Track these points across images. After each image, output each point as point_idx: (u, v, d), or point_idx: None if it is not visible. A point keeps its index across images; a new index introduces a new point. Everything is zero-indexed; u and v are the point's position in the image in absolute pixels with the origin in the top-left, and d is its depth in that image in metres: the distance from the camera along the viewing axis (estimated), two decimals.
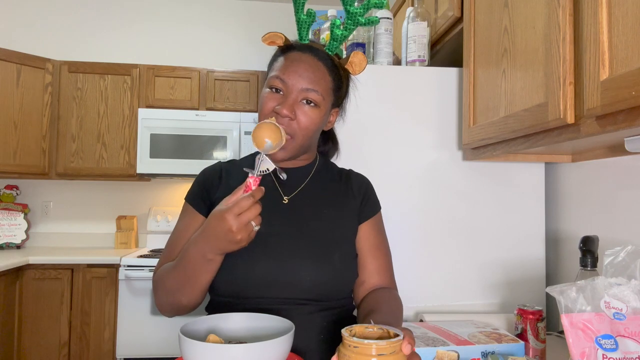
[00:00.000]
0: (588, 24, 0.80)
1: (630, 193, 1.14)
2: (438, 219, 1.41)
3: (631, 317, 0.73)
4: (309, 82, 0.90)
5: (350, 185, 1.04)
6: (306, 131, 0.91)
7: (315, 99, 0.90)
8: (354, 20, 0.89)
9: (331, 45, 0.93)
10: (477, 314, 1.32)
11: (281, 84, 0.90)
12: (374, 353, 0.62)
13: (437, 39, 1.59)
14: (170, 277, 0.89)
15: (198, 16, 3.57)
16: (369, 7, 0.88)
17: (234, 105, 3.17)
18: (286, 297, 0.91)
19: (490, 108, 1.20)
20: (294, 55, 0.92)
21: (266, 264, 0.91)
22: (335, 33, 0.90)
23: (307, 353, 0.90)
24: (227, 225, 0.76)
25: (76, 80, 3.07)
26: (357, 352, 0.63)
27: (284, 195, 0.99)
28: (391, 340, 0.63)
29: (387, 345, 0.63)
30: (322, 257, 0.92)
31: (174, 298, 0.89)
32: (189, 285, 0.87)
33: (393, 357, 0.63)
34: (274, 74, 0.92)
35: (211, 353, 0.67)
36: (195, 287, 0.87)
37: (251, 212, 0.77)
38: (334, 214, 0.99)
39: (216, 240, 0.79)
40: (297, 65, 0.90)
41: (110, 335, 2.77)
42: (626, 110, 0.73)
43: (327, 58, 0.93)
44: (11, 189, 3.23)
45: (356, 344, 0.63)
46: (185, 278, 0.86)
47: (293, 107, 0.89)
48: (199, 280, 0.86)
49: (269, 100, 0.90)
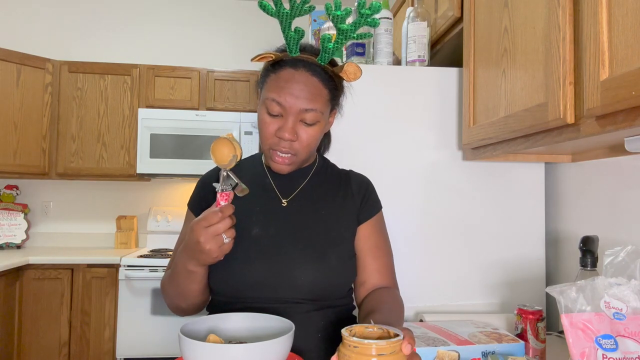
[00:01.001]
0: (588, 24, 0.80)
1: (630, 193, 1.14)
2: (438, 219, 1.41)
3: (631, 317, 0.73)
4: (306, 102, 0.89)
5: (350, 186, 1.04)
6: (309, 147, 0.93)
7: (315, 118, 0.90)
8: (345, 36, 0.87)
9: (323, 57, 0.90)
10: (477, 314, 1.32)
11: (278, 107, 0.89)
12: (374, 353, 0.62)
13: (437, 39, 1.59)
14: (168, 285, 0.96)
15: (198, 16, 3.57)
16: (360, 25, 0.85)
17: (234, 105, 3.17)
18: (283, 297, 0.91)
19: (490, 108, 1.20)
20: (287, 73, 0.89)
21: (261, 264, 0.92)
22: (327, 46, 0.88)
23: (306, 352, 0.90)
24: (195, 237, 0.80)
25: (76, 80, 3.07)
26: (357, 352, 0.63)
27: (283, 198, 1.00)
28: (391, 340, 0.63)
29: (387, 345, 0.63)
30: (319, 257, 0.93)
31: (175, 302, 0.95)
32: (181, 293, 0.92)
33: (393, 357, 0.63)
34: (270, 95, 0.89)
35: (211, 353, 0.67)
36: (187, 295, 0.92)
37: (219, 226, 0.79)
38: (332, 215, 0.99)
39: (191, 252, 0.83)
40: (292, 86, 0.88)
41: (110, 335, 2.77)
42: (626, 110, 0.73)
43: (320, 71, 0.91)
44: (11, 189, 3.23)
45: (356, 344, 0.64)
46: (177, 287, 0.92)
47: (294, 129, 0.90)
48: (187, 289, 0.90)
49: (269, 124, 0.91)
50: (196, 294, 0.92)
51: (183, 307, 0.95)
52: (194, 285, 0.89)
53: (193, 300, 0.93)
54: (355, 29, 0.86)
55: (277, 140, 0.90)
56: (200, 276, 0.88)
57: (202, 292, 0.93)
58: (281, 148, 0.91)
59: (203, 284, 0.91)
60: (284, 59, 0.91)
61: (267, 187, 1.01)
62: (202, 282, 0.90)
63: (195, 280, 0.88)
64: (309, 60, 0.90)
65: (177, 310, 0.97)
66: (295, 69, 0.89)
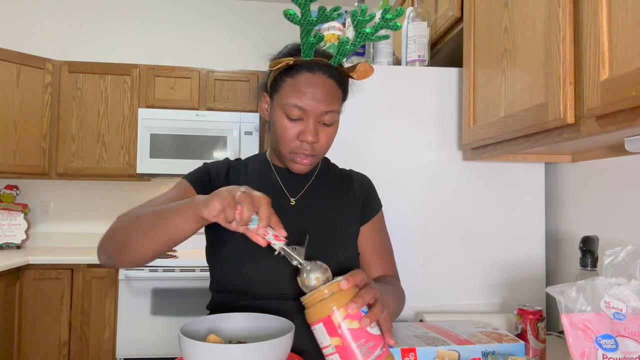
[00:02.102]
0: (588, 24, 0.80)
1: (630, 193, 1.14)
2: (438, 219, 1.41)
3: (631, 317, 0.73)
4: (326, 104, 0.91)
5: (352, 187, 1.07)
6: (327, 147, 0.97)
7: (333, 118, 0.94)
8: (364, 38, 0.89)
9: (337, 59, 0.92)
10: (477, 314, 1.32)
11: (299, 112, 0.91)
12: (318, 300, 0.71)
13: (437, 39, 1.59)
14: (142, 215, 0.84)
15: (198, 16, 3.57)
16: (381, 28, 0.89)
17: (234, 105, 3.17)
18: (292, 293, 0.92)
19: (490, 108, 1.20)
20: (305, 78, 0.91)
21: (272, 261, 0.92)
22: (345, 49, 0.90)
23: (313, 348, 0.91)
24: (233, 191, 0.73)
25: (76, 80, 3.07)
26: (308, 305, 0.72)
27: (291, 197, 1.02)
28: (328, 284, 0.72)
29: (323, 290, 0.71)
30: (328, 255, 0.94)
31: (127, 237, 0.84)
32: (152, 231, 0.81)
33: (337, 296, 0.71)
34: (291, 101, 0.90)
35: (211, 353, 0.67)
36: (156, 237, 0.80)
37: (246, 209, 0.72)
38: (338, 214, 1.02)
39: (207, 198, 0.74)
40: (312, 91, 0.90)
41: (110, 335, 2.77)
42: (626, 110, 0.73)
43: (335, 73, 0.93)
44: (11, 189, 3.23)
45: (304, 300, 0.73)
46: (157, 221, 0.80)
47: (316, 131, 0.92)
48: (165, 231, 0.79)
49: (290, 129, 0.92)
50: (158, 245, 0.81)
51: (132, 248, 0.83)
52: (177, 231, 0.78)
53: (145, 249, 0.82)
54: (376, 32, 0.89)
55: (298, 143, 0.92)
56: (190, 226, 0.77)
57: (159, 251, 0.83)
58: (304, 151, 0.93)
59: (174, 240, 0.80)
60: (299, 63, 0.92)
61: (275, 185, 1.03)
62: (180, 235, 0.79)
63: (182, 227, 0.78)
64: (324, 62, 0.92)
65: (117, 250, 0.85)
66: (312, 73, 0.91)
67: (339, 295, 0.70)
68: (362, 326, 0.69)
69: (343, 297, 0.70)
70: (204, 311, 1.01)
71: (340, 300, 0.70)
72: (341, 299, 0.70)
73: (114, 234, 0.87)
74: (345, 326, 0.69)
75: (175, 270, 2.72)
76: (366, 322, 0.70)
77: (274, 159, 1.05)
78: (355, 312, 0.70)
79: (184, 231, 0.78)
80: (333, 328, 0.69)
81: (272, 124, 0.96)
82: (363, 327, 0.70)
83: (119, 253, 0.85)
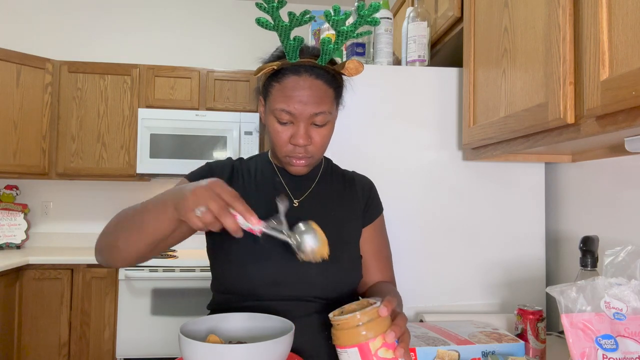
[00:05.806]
0: (588, 24, 0.80)
1: (630, 193, 1.14)
2: (438, 219, 1.40)
3: (631, 317, 0.73)
4: (314, 106, 0.90)
5: (355, 189, 1.07)
6: (323, 147, 0.95)
7: (325, 119, 0.92)
8: (345, 36, 0.87)
9: (323, 59, 0.90)
10: (477, 314, 1.32)
11: (288, 116, 0.90)
12: (354, 324, 0.70)
13: (437, 39, 1.59)
14: (128, 215, 0.85)
15: (198, 16, 3.57)
16: (360, 25, 0.86)
17: (234, 105, 3.17)
18: (295, 295, 0.93)
19: (490, 108, 1.20)
20: (291, 81, 0.90)
21: (276, 262, 0.93)
22: (327, 48, 0.88)
23: (314, 350, 0.91)
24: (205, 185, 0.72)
25: (76, 80, 3.07)
26: (341, 328, 0.71)
27: (294, 199, 1.01)
28: (366, 310, 0.70)
29: (363, 315, 0.69)
30: (332, 256, 0.94)
31: (115, 238, 0.84)
32: (136, 233, 0.81)
33: (374, 323, 0.69)
34: (279, 106, 0.90)
35: (211, 353, 0.67)
36: (140, 238, 0.80)
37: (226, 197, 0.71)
38: (341, 216, 1.02)
39: (181, 191, 0.74)
40: (298, 94, 0.89)
41: (110, 335, 2.77)
42: (626, 110, 0.73)
43: (323, 73, 0.91)
44: (11, 189, 3.23)
45: (337, 322, 0.71)
46: (138, 222, 0.81)
47: (307, 134, 0.91)
48: (149, 231, 0.79)
49: (282, 133, 0.92)
50: (141, 246, 0.81)
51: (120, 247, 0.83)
52: (157, 232, 0.78)
53: (132, 250, 0.82)
54: (355, 29, 0.86)
55: (292, 147, 0.92)
56: (167, 225, 0.77)
57: (144, 252, 0.83)
58: (297, 154, 0.93)
59: (154, 240, 0.80)
60: (285, 67, 0.91)
61: (278, 187, 1.02)
62: (159, 235, 0.79)
63: (159, 226, 0.78)
64: (310, 63, 0.90)
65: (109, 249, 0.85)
66: (298, 76, 0.90)
67: (376, 323, 0.70)
68: (396, 357, 0.70)
69: (380, 325, 0.70)
70: (204, 311, 1.01)
71: (378, 328, 0.70)
72: (378, 327, 0.70)
73: (105, 235, 0.88)
74: (382, 355, 0.69)
75: (175, 270, 2.72)
76: (401, 352, 0.70)
77: (276, 160, 1.05)
78: (392, 342, 0.70)
79: (164, 232, 0.78)
80: (369, 355, 0.69)
81: (266, 128, 0.97)
82: (397, 357, 0.70)
83: (110, 253, 0.86)
